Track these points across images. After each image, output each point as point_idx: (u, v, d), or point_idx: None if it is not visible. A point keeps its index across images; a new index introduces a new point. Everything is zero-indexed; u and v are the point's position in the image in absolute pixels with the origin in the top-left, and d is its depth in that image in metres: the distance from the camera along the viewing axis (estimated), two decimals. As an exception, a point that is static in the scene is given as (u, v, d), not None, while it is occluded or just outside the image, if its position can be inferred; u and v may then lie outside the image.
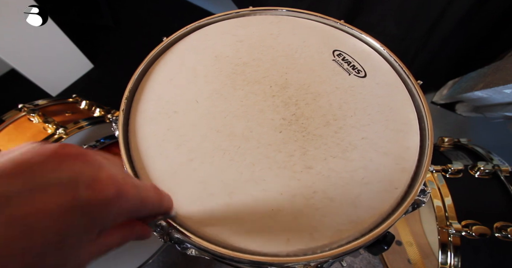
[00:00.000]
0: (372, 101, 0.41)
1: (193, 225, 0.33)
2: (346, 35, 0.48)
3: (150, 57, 0.44)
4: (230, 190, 0.35)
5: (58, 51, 1.26)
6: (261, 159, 0.37)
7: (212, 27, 0.48)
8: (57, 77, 1.33)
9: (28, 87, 1.26)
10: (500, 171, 0.65)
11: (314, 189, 0.35)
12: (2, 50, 1.09)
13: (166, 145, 0.38)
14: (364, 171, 0.37)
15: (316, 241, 0.33)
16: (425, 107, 0.40)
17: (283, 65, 0.44)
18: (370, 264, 1.01)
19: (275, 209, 0.34)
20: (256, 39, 0.47)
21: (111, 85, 1.36)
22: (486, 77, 0.81)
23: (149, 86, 0.42)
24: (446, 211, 0.60)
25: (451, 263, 0.57)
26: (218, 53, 0.45)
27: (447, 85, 1.04)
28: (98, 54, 1.47)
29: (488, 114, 0.90)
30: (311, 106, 0.41)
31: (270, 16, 0.50)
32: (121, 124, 0.39)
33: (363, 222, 0.34)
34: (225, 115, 0.40)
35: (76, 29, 1.34)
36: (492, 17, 0.81)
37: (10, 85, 1.36)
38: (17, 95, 1.32)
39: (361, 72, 0.44)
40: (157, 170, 0.36)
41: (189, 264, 1.04)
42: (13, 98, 1.29)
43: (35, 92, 1.28)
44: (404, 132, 0.39)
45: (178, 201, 0.35)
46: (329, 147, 0.38)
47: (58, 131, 0.74)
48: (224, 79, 0.43)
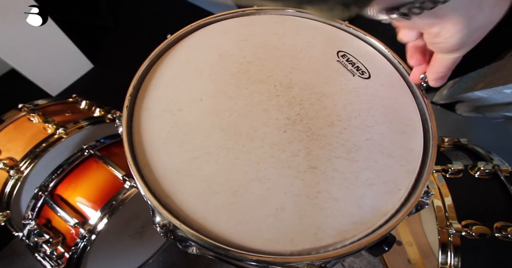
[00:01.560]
0: (376, 102, 0.41)
1: (197, 222, 0.34)
2: (350, 36, 0.48)
3: (154, 54, 0.44)
4: (235, 189, 0.35)
5: (58, 51, 1.26)
6: (266, 158, 0.37)
7: (216, 26, 0.48)
8: (57, 77, 1.33)
9: (28, 87, 1.26)
10: (500, 171, 0.66)
11: (318, 189, 0.35)
12: (2, 50, 1.09)
13: (170, 142, 0.38)
14: (368, 172, 0.37)
15: (320, 241, 0.33)
16: (428, 109, 0.40)
17: (288, 65, 0.44)
18: (370, 264, 1.02)
19: (279, 208, 0.34)
20: (261, 38, 0.47)
21: (111, 85, 1.35)
22: (486, 77, 0.82)
23: (154, 83, 0.42)
24: (446, 211, 0.60)
25: (451, 263, 0.57)
26: (222, 51, 0.45)
27: (447, 85, 1.04)
28: (98, 54, 1.47)
29: (488, 114, 0.90)
30: (315, 106, 0.41)
31: (275, 15, 0.50)
32: (125, 121, 0.39)
33: (366, 222, 0.34)
34: (230, 114, 0.40)
35: (76, 29, 1.34)
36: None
37: (10, 85, 1.35)
38: (17, 95, 1.32)
39: (365, 73, 0.44)
40: (161, 168, 0.36)
41: (189, 264, 1.04)
42: (13, 98, 1.28)
43: (35, 92, 1.28)
44: (408, 133, 0.39)
45: (182, 199, 0.35)
46: (333, 147, 0.38)
47: (58, 131, 0.74)
48: (228, 78, 0.43)
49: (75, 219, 0.64)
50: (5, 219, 0.74)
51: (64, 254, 0.66)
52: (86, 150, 0.71)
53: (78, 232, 0.63)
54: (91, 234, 0.63)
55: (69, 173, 0.71)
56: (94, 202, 0.66)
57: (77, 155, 0.71)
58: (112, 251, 0.83)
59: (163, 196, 0.35)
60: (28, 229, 0.66)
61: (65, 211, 0.66)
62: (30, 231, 0.66)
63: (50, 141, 0.74)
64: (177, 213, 0.34)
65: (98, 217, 0.63)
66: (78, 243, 0.63)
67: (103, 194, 0.67)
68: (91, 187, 0.69)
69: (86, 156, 0.71)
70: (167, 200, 0.35)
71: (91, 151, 0.71)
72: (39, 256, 0.68)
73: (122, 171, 0.68)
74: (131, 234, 0.85)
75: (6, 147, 0.74)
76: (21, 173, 0.71)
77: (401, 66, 0.44)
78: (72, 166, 0.71)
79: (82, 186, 0.69)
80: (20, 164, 0.71)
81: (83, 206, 0.67)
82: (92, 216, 0.64)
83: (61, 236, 0.67)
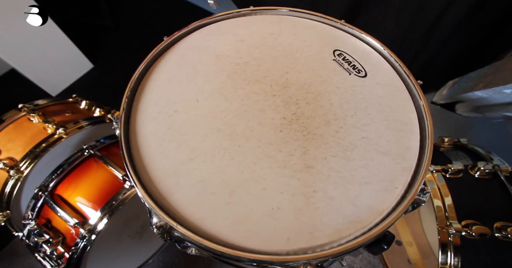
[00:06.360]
0: (373, 100, 0.41)
1: (193, 223, 0.34)
2: (346, 35, 0.48)
3: (151, 57, 0.44)
4: (231, 189, 0.35)
5: (58, 51, 1.26)
6: (262, 158, 0.37)
7: (213, 27, 0.49)
8: (57, 77, 1.34)
9: (28, 87, 1.26)
10: (500, 171, 0.65)
11: (314, 188, 0.35)
12: (2, 50, 1.09)
13: (166, 144, 0.38)
14: (364, 170, 0.37)
15: (316, 240, 0.33)
16: (425, 107, 0.40)
17: (284, 65, 0.44)
18: (370, 264, 1.01)
19: (275, 208, 0.34)
20: (257, 38, 0.47)
21: (111, 85, 1.35)
22: (486, 77, 0.81)
23: (150, 85, 0.43)
24: (446, 211, 0.60)
25: (451, 263, 0.57)
26: (218, 52, 0.45)
27: (447, 85, 1.04)
28: (98, 54, 1.47)
29: (488, 114, 0.90)
30: (311, 106, 0.41)
31: (271, 16, 0.50)
32: (122, 123, 0.39)
33: (363, 221, 0.34)
34: (226, 114, 0.40)
35: (76, 29, 1.35)
36: (492, 17, 0.81)
37: (10, 85, 1.36)
38: (17, 95, 1.32)
39: (361, 72, 0.44)
40: (158, 169, 0.37)
41: (189, 264, 1.04)
42: (13, 98, 1.29)
43: (35, 92, 1.28)
44: (405, 131, 0.39)
45: (179, 200, 0.35)
46: (329, 146, 0.38)
47: (58, 131, 0.74)
48: (224, 79, 0.43)
49: (75, 219, 0.64)
50: (5, 219, 0.74)
51: (64, 254, 0.66)
52: (86, 150, 0.71)
53: (78, 232, 0.64)
54: (91, 234, 0.63)
55: (69, 173, 0.71)
56: (94, 202, 0.67)
57: (77, 155, 0.71)
58: (112, 251, 0.83)
59: (160, 198, 0.35)
60: (28, 229, 0.66)
61: (65, 211, 0.66)
62: (30, 231, 0.66)
63: (50, 141, 0.74)
64: (174, 214, 0.34)
65: (98, 217, 0.63)
66: (78, 243, 0.63)
67: (103, 194, 0.67)
68: (91, 187, 0.69)
69: (86, 156, 0.72)
70: (163, 202, 0.35)
71: (91, 151, 0.72)
72: (39, 256, 0.69)
73: (122, 171, 0.69)
74: (131, 234, 0.85)
75: (6, 147, 0.75)
76: (21, 173, 0.71)
77: (398, 64, 0.44)
78: (72, 166, 0.71)
79: (82, 186, 0.70)
80: (20, 164, 0.71)
81: (83, 206, 0.67)
82: (92, 216, 0.64)
83: (61, 236, 0.67)
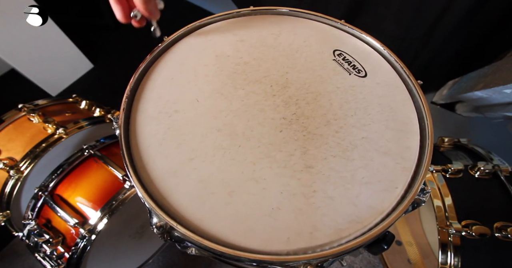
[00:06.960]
0: (373, 100, 0.41)
1: (193, 223, 0.34)
2: (346, 35, 0.48)
3: (151, 57, 0.44)
4: (231, 189, 0.35)
5: (58, 51, 1.26)
6: (262, 158, 0.37)
7: (212, 27, 0.49)
8: (57, 77, 1.34)
9: (28, 87, 1.26)
10: (500, 171, 0.65)
11: (314, 188, 0.35)
12: (2, 50, 1.09)
13: (166, 144, 0.38)
14: (364, 170, 0.37)
15: (316, 240, 0.33)
16: (425, 107, 0.40)
17: (284, 65, 0.44)
18: (370, 264, 1.01)
19: (275, 208, 0.34)
20: (257, 38, 0.47)
21: (111, 85, 1.35)
22: (486, 77, 0.81)
23: (150, 85, 0.43)
24: (446, 211, 0.60)
25: (451, 263, 0.57)
26: (218, 52, 0.45)
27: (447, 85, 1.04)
28: (98, 54, 1.47)
29: (488, 114, 0.90)
30: (311, 106, 0.41)
31: (271, 16, 0.50)
32: (122, 123, 0.39)
33: (363, 221, 0.34)
34: (226, 114, 0.40)
35: (76, 29, 1.35)
36: (492, 17, 0.81)
37: (10, 85, 1.36)
38: (17, 95, 1.32)
39: (361, 72, 0.44)
40: (158, 169, 0.36)
41: (189, 264, 1.04)
42: (13, 98, 1.29)
43: (35, 92, 1.28)
44: (405, 131, 0.39)
45: (178, 200, 0.35)
46: (329, 146, 0.38)
47: (58, 131, 0.74)
48: (224, 79, 0.43)
49: (75, 219, 0.64)
50: (5, 219, 0.74)
51: (64, 254, 0.66)
52: (86, 150, 0.71)
53: (78, 232, 0.64)
54: (91, 234, 0.63)
55: (69, 173, 0.71)
56: (94, 202, 0.67)
57: (77, 155, 0.72)
58: (112, 251, 0.83)
59: (160, 198, 0.35)
60: (28, 229, 0.66)
61: (65, 211, 0.66)
62: (30, 231, 0.66)
63: (50, 141, 0.74)
64: (174, 214, 0.34)
65: (98, 217, 0.63)
66: (78, 243, 0.63)
67: (103, 194, 0.67)
68: (91, 187, 0.69)
69: (86, 156, 0.72)
70: (163, 201, 0.35)
71: (91, 151, 0.72)
72: (39, 256, 0.69)
73: (122, 171, 0.68)
74: (131, 234, 0.85)
75: (6, 147, 0.75)
76: (21, 173, 0.71)
77: (398, 64, 0.44)
78: (72, 166, 0.71)
79: (82, 186, 0.70)
80: (20, 164, 0.71)
81: (83, 206, 0.67)
82: (92, 216, 0.64)
83: (61, 236, 0.67)
